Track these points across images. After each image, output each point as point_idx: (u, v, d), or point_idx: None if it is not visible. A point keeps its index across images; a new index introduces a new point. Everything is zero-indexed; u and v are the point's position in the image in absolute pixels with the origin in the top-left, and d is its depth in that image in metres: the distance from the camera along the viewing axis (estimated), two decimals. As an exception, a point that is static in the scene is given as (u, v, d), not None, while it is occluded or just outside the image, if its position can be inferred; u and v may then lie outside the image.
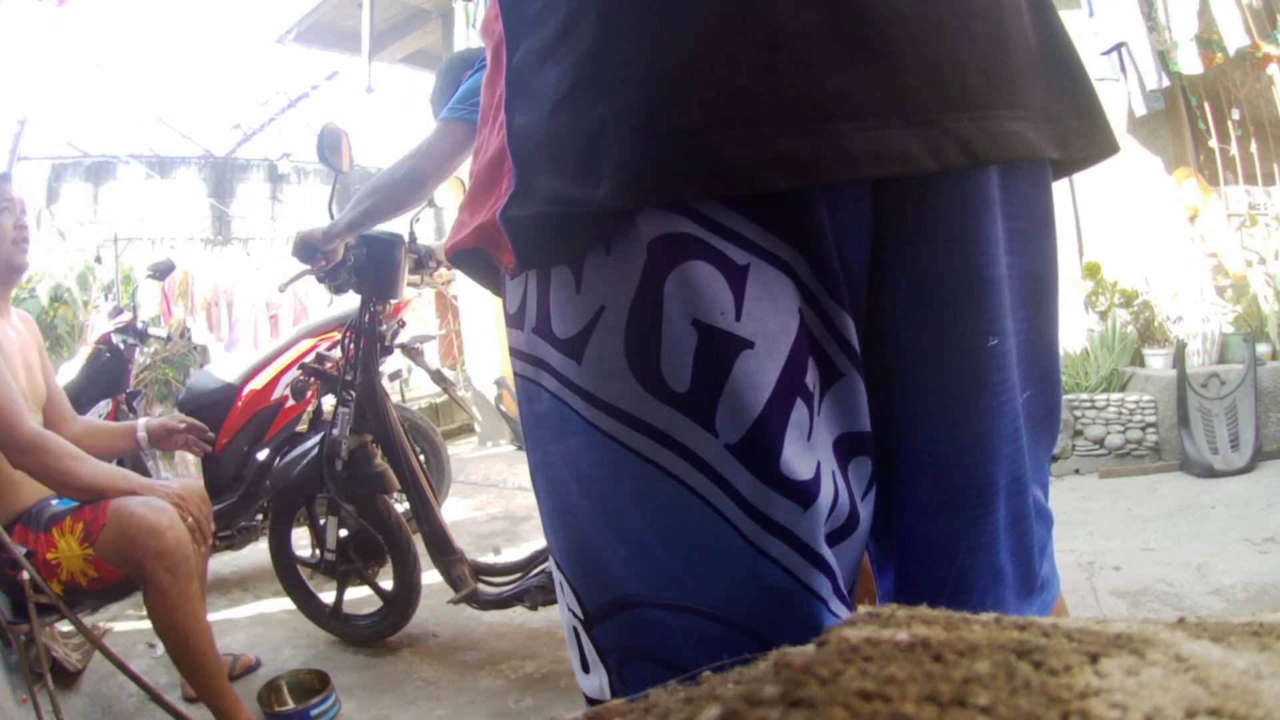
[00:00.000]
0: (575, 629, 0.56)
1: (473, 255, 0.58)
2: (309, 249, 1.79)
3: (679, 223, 0.45)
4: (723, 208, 0.45)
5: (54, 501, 1.59)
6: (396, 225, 1.96)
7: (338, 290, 1.98)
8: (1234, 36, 3.57)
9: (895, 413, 0.52)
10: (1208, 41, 3.63)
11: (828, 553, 0.48)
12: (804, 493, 0.46)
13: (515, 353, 0.56)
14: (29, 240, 1.72)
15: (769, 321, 0.46)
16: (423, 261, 2.09)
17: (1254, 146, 4.19)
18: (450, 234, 0.59)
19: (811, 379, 0.48)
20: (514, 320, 0.55)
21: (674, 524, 0.47)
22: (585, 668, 0.57)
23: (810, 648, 0.22)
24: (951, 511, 0.53)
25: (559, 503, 0.54)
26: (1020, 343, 0.54)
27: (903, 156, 0.44)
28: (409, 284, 2.11)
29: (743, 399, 0.45)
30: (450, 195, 2.21)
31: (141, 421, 1.84)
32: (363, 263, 1.92)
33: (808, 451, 0.47)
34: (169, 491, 1.58)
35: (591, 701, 0.57)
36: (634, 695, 0.23)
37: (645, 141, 0.43)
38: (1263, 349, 3.29)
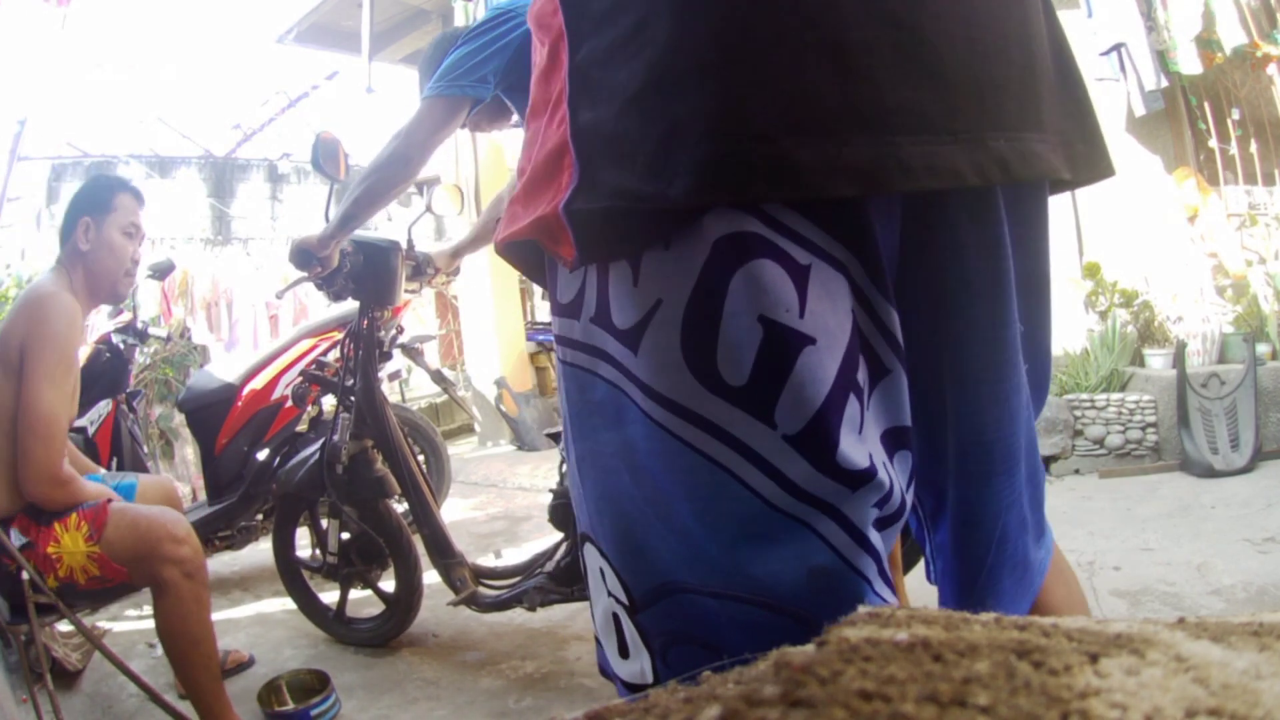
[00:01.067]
0: (616, 614, 0.57)
1: (523, 247, 0.60)
2: (305, 256, 1.78)
3: (747, 222, 0.47)
4: (786, 209, 0.48)
5: None
6: (395, 232, 1.95)
7: (336, 297, 1.97)
8: (1231, 35, 3.57)
9: (947, 400, 0.57)
10: (1207, 41, 3.63)
11: (874, 535, 0.50)
12: (858, 478, 0.48)
13: (567, 341, 0.57)
14: (135, 275, 1.71)
15: (829, 319, 0.48)
16: (420, 269, 2.08)
17: (1254, 146, 4.18)
18: (501, 225, 0.60)
19: (862, 375, 0.51)
20: (567, 310, 0.56)
21: (723, 515, 0.49)
22: (624, 653, 0.58)
23: (810, 648, 0.22)
24: (999, 477, 0.59)
25: (607, 491, 0.56)
26: (1022, 329, 0.60)
27: (952, 171, 0.47)
28: (407, 290, 2.10)
29: (805, 392, 0.47)
30: (450, 202, 2.19)
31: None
32: (360, 270, 1.91)
33: (860, 444, 0.49)
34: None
35: (629, 686, 0.58)
36: (680, 678, 0.24)
37: (721, 144, 0.45)
38: (1263, 349, 3.29)
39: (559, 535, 1.83)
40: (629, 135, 0.48)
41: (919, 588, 0.95)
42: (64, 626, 1.92)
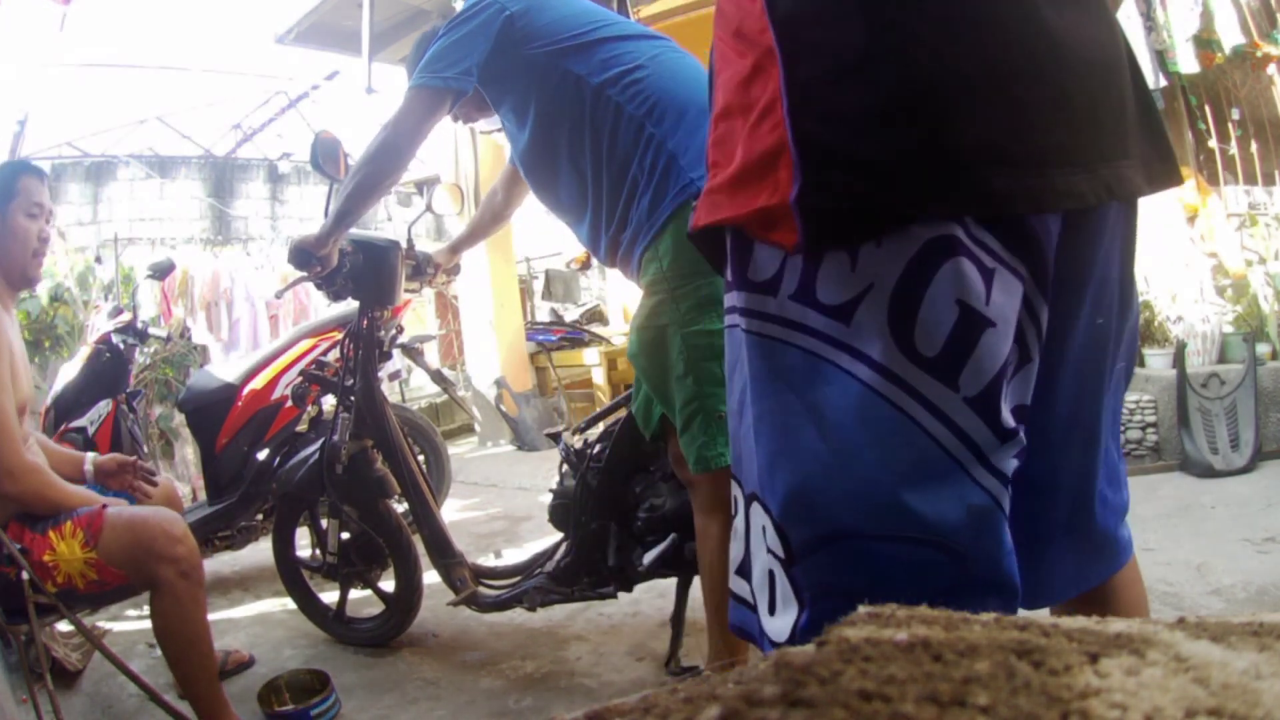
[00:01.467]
0: (772, 571, 0.67)
1: (711, 230, 0.70)
2: (304, 255, 1.76)
3: (951, 227, 0.60)
4: (977, 225, 0.61)
5: None
6: (395, 231, 1.94)
7: (336, 297, 1.95)
8: (1230, 35, 3.57)
9: (1057, 384, 0.70)
10: (1207, 41, 3.62)
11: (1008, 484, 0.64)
12: (1008, 434, 0.62)
13: (756, 314, 0.67)
14: (45, 254, 1.68)
15: (1006, 310, 0.61)
16: (420, 268, 2.07)
17: (1254, 146, 4.18)
18: (702, 212, 0.70)
19: (1011, 357, 0.64)
20: (761, 287, 0.67)
21: (904, 460, 0.61)
22: (772, 609, 0.67)
23: (810, 648, 0.22)
24: (1085, 448, 0.75)
25: (783, 447, 0.66)
26: (1121, 328, 0.74)
27: (1080, 195, 0.62)
28: (407, 290, 2.09)
29: (984, 364, 0.60)
30: (449, 201, 2.18)
31: (90, 456, 1.82)
32: (360, 270, 1.89)
33: (1008, 410, 0.63)
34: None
35: (776, 645, 0.66)
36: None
37: (939, 168, 0.60)
38: (1263, 349, 3.29)
39: (559, 535, 1.83)
40: (858, 151, 0.61)
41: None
42: (64, 627, 1.92)
